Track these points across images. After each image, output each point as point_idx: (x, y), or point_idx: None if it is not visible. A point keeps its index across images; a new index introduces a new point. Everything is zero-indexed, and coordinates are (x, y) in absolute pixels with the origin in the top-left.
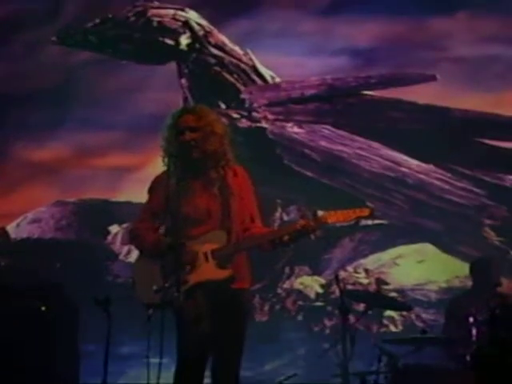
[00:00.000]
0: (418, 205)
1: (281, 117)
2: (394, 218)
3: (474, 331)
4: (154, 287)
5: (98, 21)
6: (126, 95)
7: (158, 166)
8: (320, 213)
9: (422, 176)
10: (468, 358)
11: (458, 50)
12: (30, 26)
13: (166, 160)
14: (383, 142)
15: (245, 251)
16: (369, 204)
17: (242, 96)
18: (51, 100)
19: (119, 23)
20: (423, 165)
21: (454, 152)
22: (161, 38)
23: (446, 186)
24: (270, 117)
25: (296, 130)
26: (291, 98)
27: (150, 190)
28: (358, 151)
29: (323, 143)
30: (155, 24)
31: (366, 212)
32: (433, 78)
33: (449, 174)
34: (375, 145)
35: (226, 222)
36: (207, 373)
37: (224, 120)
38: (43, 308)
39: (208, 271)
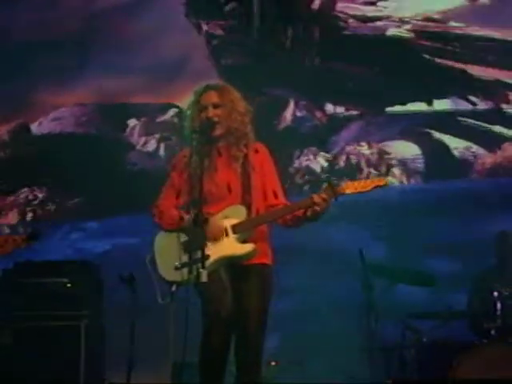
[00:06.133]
0: None
1: None
2: None
3: (498, 305)
4: (176, 264)
5: None
6: (147, 40)
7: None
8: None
9: None
10: (493, 332)
11: None
12: None
13: (190, 137)
14: None
15: (265, 225)
16: None
17: None
18: (74, 46)
19: None
20: None
21: None
22: None
23: None
24: None
25: None
26: None
27: (173, 168)
28: None
29: None
30: None
31: (383, 181)
32: None
33: None
34: None
35: (246, 197)
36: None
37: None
38: (68, 285)
39: (229, 246)
